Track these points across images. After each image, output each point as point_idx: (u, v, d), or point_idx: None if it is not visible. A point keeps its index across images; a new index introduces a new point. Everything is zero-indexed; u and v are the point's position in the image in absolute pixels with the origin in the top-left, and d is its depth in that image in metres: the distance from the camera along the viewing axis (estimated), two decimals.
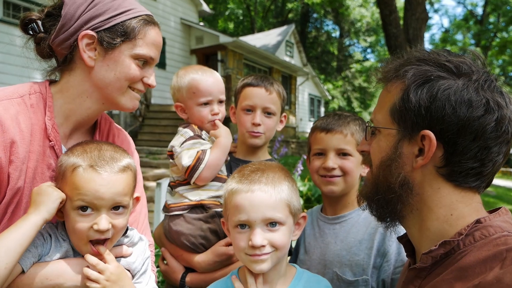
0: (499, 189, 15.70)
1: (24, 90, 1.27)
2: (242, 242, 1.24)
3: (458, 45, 37.97)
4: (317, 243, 1.68)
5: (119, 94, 1.34)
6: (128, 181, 1.21)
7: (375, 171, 1.12)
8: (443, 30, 45.52)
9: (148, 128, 12.52)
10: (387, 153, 1.07)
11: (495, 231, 0.92)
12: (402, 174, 1.04)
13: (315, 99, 26.94)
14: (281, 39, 21.66)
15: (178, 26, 15.55)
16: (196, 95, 1.74)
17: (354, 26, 38.38)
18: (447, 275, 0.93)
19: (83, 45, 1.26)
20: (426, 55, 1.04)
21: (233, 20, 35.74)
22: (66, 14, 1.27)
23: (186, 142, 1.68)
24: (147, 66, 1.38)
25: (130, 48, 1.30)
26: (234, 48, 15.82)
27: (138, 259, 1.32)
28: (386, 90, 1.10)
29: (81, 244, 1.17)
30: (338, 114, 1.71)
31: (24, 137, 1.19)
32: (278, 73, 19.61)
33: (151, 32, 1.35)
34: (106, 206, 1.15)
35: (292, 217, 1.30)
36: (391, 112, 1.06)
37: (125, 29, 1.29)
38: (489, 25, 36.98)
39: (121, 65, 1.30)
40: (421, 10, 9.75)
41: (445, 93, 0.95)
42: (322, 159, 1.64)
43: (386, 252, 1.52)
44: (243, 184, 1.27)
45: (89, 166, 1.14)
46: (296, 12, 37.87)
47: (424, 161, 0.99)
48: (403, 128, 1.02)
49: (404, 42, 9.56)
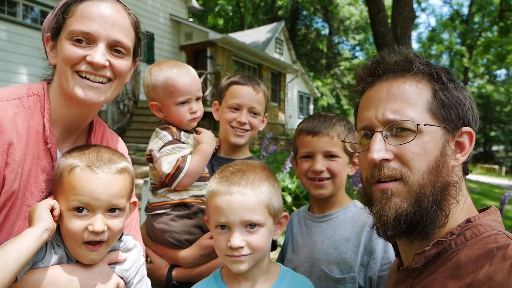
0: (483, 186, 16.01)
1: (22, 91, 1.25)
2: (222, 243, 1.27)
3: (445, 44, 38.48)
4: (304, 242, 1.69)
5: (65, 82, 1.24)
6: (126, 184, 1.20)
7: (421, 180, 0.95)
8: (430, 29, 46.11)
9: (136, 125, 12.38)
10: (435, 156, 0.96)
11: (485, 230, 0.94)
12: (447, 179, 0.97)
13: (304, 96, 27.01)
14: (270, 36, 21.63)
15: (167, 22, 15.39)
16: (174, 94, 1.68)
17: (343, 24, 38.54)
18: (439, 274, 0.94)
19: (48, 48, 1.30)
20: (423, 59, 1.07)
21: (222, 17, 35.53)
22: (43, 29, 1.34)
23: (165, 147, 1.65)
24: (92, 43, 1.23)
25: (63, 32, 1.25)
26: (223, 44, 15.75)
27: (133, 267, 1.30)
28: (409, 85, 1.01)
29: (76, 246, 1.14)
30: (323, 116, 1.70)
31: (21, 139, 1.18)
32: (267, 70, 19.60)
33: (82, 6, 1.24)
34: (102, 207, 1.13)
35: (272, 218, 1.32)
36: (430, 109, 0.98)
37: (59, 16, 1.26)
38: (474, 25, 37.57)
39: (60, 50, 1.25)
40: (408, 9, 9.84)
41: (467, 92, 1.02)
42: (310, 161, 1.65)
43: (373, 250, 1.54)
44: (223, 186, 1.28)
45: (86, 166, 1.13)
46: (286, 9, 37.83)
47: (464, 157, 1.01)
48: (448, 126, 0.99)
49: (392, 41, 9.64)
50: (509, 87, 37.29)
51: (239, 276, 1.31)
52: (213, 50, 15.61)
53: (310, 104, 28.27)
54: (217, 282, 1.35)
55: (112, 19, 1.25)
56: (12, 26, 9.37)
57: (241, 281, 1.32)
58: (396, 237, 1.01)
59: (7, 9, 9.46)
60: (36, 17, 10.24)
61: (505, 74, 43.27)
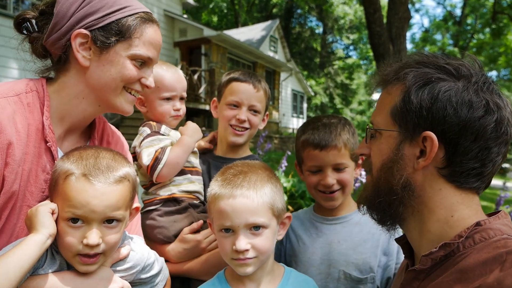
0: None
1: (20, 88, 1.19)
2: (227, 246, 1.26)
3: (437, 45, 38.83)
4: (316, 243, 1.67)
5: (114, 96, 1.27)
6: (124, 193, 1.12)
7: (376, 174, 1.10)
8: (423, 29, 46.45)
9: (129, 122, 12.28)
10: (388, 156, 1.06)
11: (495, 234, 0.93)
12: (404, 176, 1.03)
13: (298, 95, 27.06)
14: (265, 34, 21.62)
15: (161, 18, 15.27)
16: (160, 89, 1.69)
17: (338, 23, 38.64)
18: (446, 277, 0.93)
19: (76, 44, 1.21)
20: (425, 58, 1.05)
21: (217, 14, 35.41)
22: (58, 12, 1.21)
23: (145, 140, 1.65)
24: (145, 66, 1.32)
25: (126, 48, 1.24)
26: (218, 42, 15.68)
27: (138, 266, 1.26)
28: (386, 93, 1.10)
29: (69, 256, 1.09)
30: (327, 125, 1.64)
31: (20, 138, 1.13)
32: (262, 68, 19.58)
33: (148, 31, 1.28)
34: (98, 219, 1.07)
35: (276, 219, 1.32)
36: (392, 114, 1.05)
37: (120, 27, 1.22)
38: (467, 26, 37.96)
39: (117, 65, 1.24)
40: (404, 10, 9.88)
41: (446, 94, 0.96)
42: (318, 175, 1.63)
43: (391, 251, 1.57)
44: (226, 189, 1.28)
45: (82, 174, 1.06)
46: (280, 7, 37.82)
47: (425, 162, 0.99)
48: (404, 130, 1.02)
49: (387, 41, 9.69)
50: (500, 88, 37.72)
51: (244, 278, 1.31)
52: (208, 47, 15.54)
53: (304, 103, 28.34)
54: (222, 284, 1.35)
55: (160, 43, 1.36)
56: (1, 19, 9.21)
57: (246, 282, 1.32)
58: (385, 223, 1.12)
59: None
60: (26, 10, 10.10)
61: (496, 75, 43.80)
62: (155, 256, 1.35)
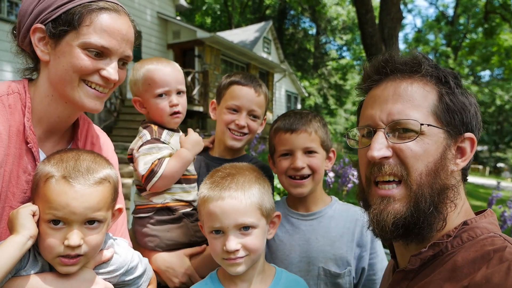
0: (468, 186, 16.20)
1: (2, 90, 1.20)
2: (218, 247, 1.30)
3: (430, 45, 39.11)
4: (294, 241, 1.66)
5: (71, 89, 1.22)
6: (104, 195, 1.12)
7: (419, 180, 0.95)
8: (416, 30, 46.78)
9: (123, 124, 12.22)
10: (435, 158, 0.96)
11: (482, 232, 0.94)
12: (444, 180, 0.97)
13: (292, 96, 27.11)
14: (258, 36, 21.64)
15: (154, 20, 15.23)
16: (152, 86, 1.63)
17: (331, 24, 38.80)
18: (435, 276, 0.93)
19: (35, 40, 1.22)
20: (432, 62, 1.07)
21: (210, 15, 35.39)
22: (20, 11, 1.24)
23: (143, 147, 1.59)
24: (105, 57, 1.24)
25: (75, 38, 1.19)
26: (211, 43, 15.67)
27: (121, 268, 1.25)
28: (416, 86, 1.00)
29: (50, 258, 1.09)
30: (298, 113, 1.70)
31: (2, 139, 1.13)
32: (255, 70, 19.58)
33: (101, 18, 1.21)
34: (78, 220, 1.07)
35: (265, 218, 1.35)
36: (435, 112, 0.98)
37: (68, 17, 1.18)
38: (459, 26, 38.30)
39: (68, 55, 1.19)
40: (395, 10, 9.95)
41: (473, 99, 1.02)
42: (289, 159, 1.64)
43: (365, 243, 1.61)
44: (214, 191, 1.31)
45: (62, 177, 1.07)
46: (273, 8, 37.90)
47: (464, 163, 1.01)
48: (451, 130, 0.99)
49: (379, 41, 9.74)
50: (493, 88, 38.13)
51: (235, 278, 1.33)
52: (201, 49, 15.52)
53: (298, 104, 28.39)
54: (214, 284, 1.37)
55: (127, 36, 1.27)
56: None
57: (237, 282, 1.34)
58: (393, 239, 1.03)
59: None
60: None
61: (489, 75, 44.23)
62: (139, 257, 1.34)
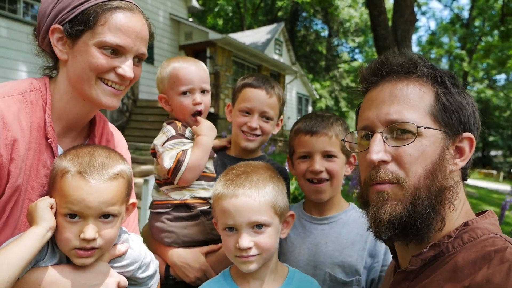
0: (481, 191, 16.01)
1: (24, 86, 1.26)
2: (231, 244, 1.30)
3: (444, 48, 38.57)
4: (304, 244, 1.66)
5: (88, 87, 1.27)
6: (119, 190, 1.16)
7: (416, 183, 0.95)
8: (430, 32, 46.23)
9: (135, 124, 12.36)
10: (433, 160, 0.96)
11: (483, 233, 0.94)
12: (442, 182, 0.96)
13: (303, 98, 27.04)
14: (270, 37, 21.64)
15: (167, 22, 15.38)
16: (176, 84, 1.69)
17: (343, 26, 38.58)
18: (436, 277, 0.94)
19: (54, 40, 1.27)
20: (428, 62, 1.06)
21: (222, 17, 35.54)
22: (40, 12, 1.29)
23: (168, 142, 1.63)
24: (120, 55, 1.28)
25: (91, 37, 1.23)
26: (223, 45, 15.74)
27: (135, 263, 1.28)
28: (412, 87, 1.00)
29: (66, 250, 1.14)
30: (320, 115, 1.69)
31: (24, 134, 1.19)
32: (267, 71, 19.59)
33: (116, 17, 1.25)
34: (94, 214, 1.11)
35: (278, 217, 1.35)
36: (432, 112, 0.98)
37: (84, 17, 1.23)
38: (474, 29, 37.66)
39: (84, 54, 1.24)
40: (409, 12, 9.86)
41: (470, 98, 1.02)
42: (307, 162, 1.63)
43: (377, 253, 1.55)
44: (228, 189, 1.32)
45: (77, 172, 1.11)
46: (285, 10, 37.86)
47: (463, 163, 1.00)
48: (449, 130, 0.99)
49: (392, 44, 9.65)
50: (508, 92, 37.38)
51: (248, 275, 1.34)
52: (213, 50, 15.59)
53: (309, 106, 28.30)
54: (227, 281, 1.38)
55: (141, 33, 1.30)
56: (12, 23, 9.36)
57: (250, 280, 1.35)
58: (391, 239, 1.03)
59: (8, 6, 9.45)
60: (36, 14, 10.22)
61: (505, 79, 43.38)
62: (151, 257, 1.37)
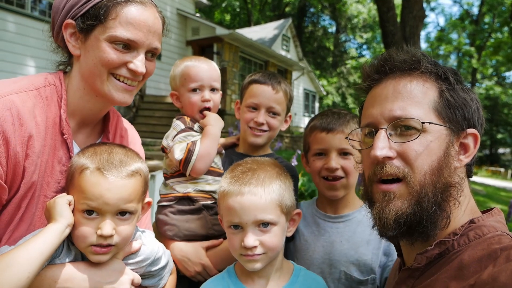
0: (489, 188, 15.89)
1: (39, 82, 1.25)
2: (236, 243, 1.28)
3: (453, 44, 38.14)
4: (318, 242, 1.64)
5: (100, 83, 1.26)
6: (136, 187, 1.18)
7: (422, 180, 0.94)
8: (438, 28, 45.72)
9: (142, 119, 12.41)
10: (438, 156, 0.95)
11: (489, 231, 0.93)
12: (447, 178, 0.95)
13: (310, 94, 26.92)
14: (277, 33, 21.55)
15: (174, 17, 15.37)
16: (187, 81, 1.74)
17: (351, 22, 38.30)
18: (441, 275, 0.93)
19: (66, 35, 1.26)
20: (431, 59, 1.05)
21: (229, 12, 35.46)
22: (53, 8, 1.29)
23: (178, 135, 1.66)
24: (132, 49, 1.26)
25: (102, 32, 1.22)
26: (230, 40, 15.70)
27: (148, 260, 1.29)
28: (416, 83, 1.00)
29: (83, 246, 1.14)
30: (336, 113, 1.68)
31: (40, 130, 1.18)
32: (274, 67, 19.53)
33: (127, 11, 1.22)
34: (111, 211, 1.13)
35: (285, 216, 1.32)
36: (436, 108, 0.98)
37: (95, 11, 1.21)
38: (484, 25, 37.18)
39: (96, 49, 1.23)
40: (418, 8, 9.74)
41: (473, 94, 1.02)
42: (323, 159, 1.62)
43: (392, 252, 1.54)
44: (234, 186, 1.29)
45: (96, 169, 1.12)
46: (293, 6, 37.66)
47: (468, 159, 1.00)
48: (453, 126, 0.98)
49: (401, 40, 9.56)
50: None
51: (253, 273, 1.32)
52: (220, 45, 15.56)
53: (316, 102, 28.18)
54: (232, 278, 1.36)
55: (153, 27, 1.28)
56: (20, 18, 9.41)
57: (254, 278, 1.33)
58: (397, 238, 1.02)
59: (16, 1, 9.50)
60: (44, 9, 10.25)
61: None
62: (163, 249, 1.39)
